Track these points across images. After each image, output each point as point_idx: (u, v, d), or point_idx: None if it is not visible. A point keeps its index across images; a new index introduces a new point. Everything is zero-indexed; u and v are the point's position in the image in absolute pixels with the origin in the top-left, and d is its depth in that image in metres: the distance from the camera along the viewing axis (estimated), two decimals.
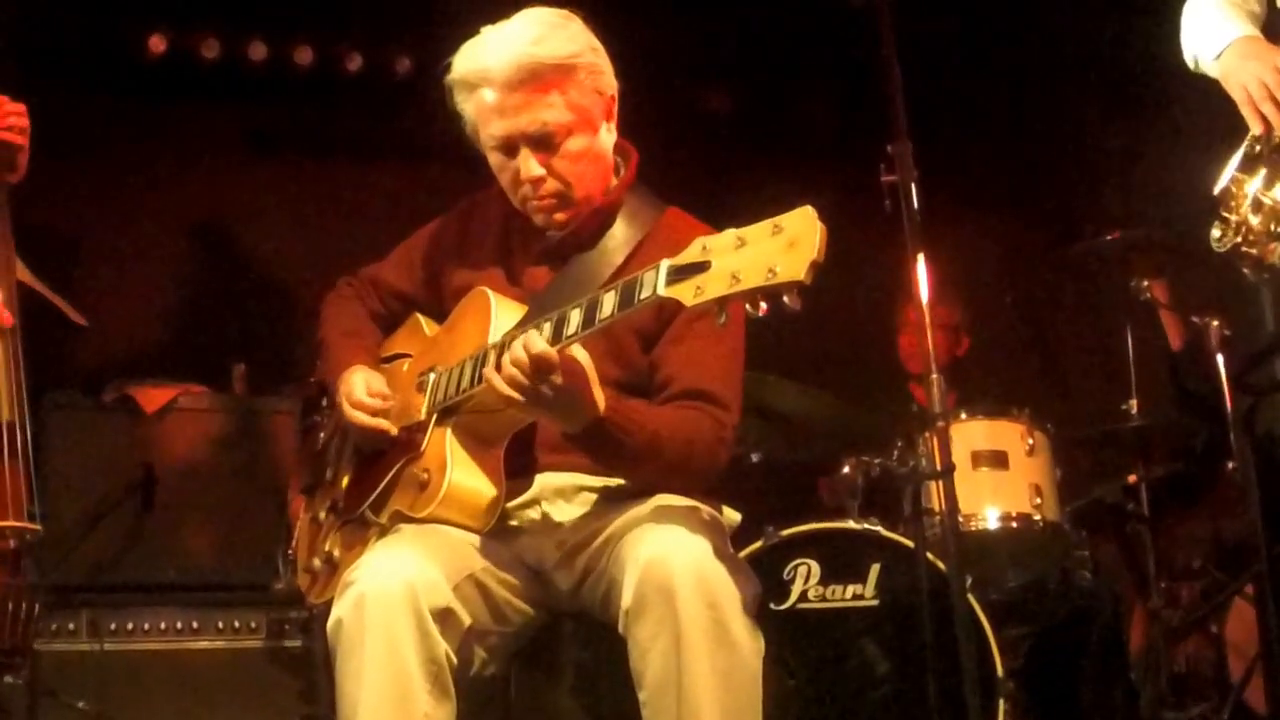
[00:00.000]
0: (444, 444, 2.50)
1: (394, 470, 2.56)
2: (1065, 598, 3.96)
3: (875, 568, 3.45)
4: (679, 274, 2.17)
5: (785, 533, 3.47)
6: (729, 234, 2.15)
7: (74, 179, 4.83)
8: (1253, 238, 2.92)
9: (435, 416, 2.55)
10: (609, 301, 2.28)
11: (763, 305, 2.09)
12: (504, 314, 2.54)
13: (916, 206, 2.80)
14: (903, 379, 4.86)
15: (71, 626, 4.02)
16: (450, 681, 2.34)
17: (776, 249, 2.07)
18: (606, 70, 2.60)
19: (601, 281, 2.51)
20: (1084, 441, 4.26)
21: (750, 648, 2.30)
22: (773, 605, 3.36)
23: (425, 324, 2.79)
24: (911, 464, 3.67)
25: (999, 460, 3.94)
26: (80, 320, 3.72)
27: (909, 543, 3.43)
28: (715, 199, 2.84)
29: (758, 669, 2.32)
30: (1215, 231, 2.96)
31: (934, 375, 2.75)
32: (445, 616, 2.36)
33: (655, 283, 2.20)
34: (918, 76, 2.87)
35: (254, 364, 4.70)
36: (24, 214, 3.22)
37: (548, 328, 2.34)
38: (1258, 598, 3.46)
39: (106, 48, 5.14)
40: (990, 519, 3.89)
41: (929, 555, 3.30)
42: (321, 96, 5.39)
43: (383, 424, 2.59)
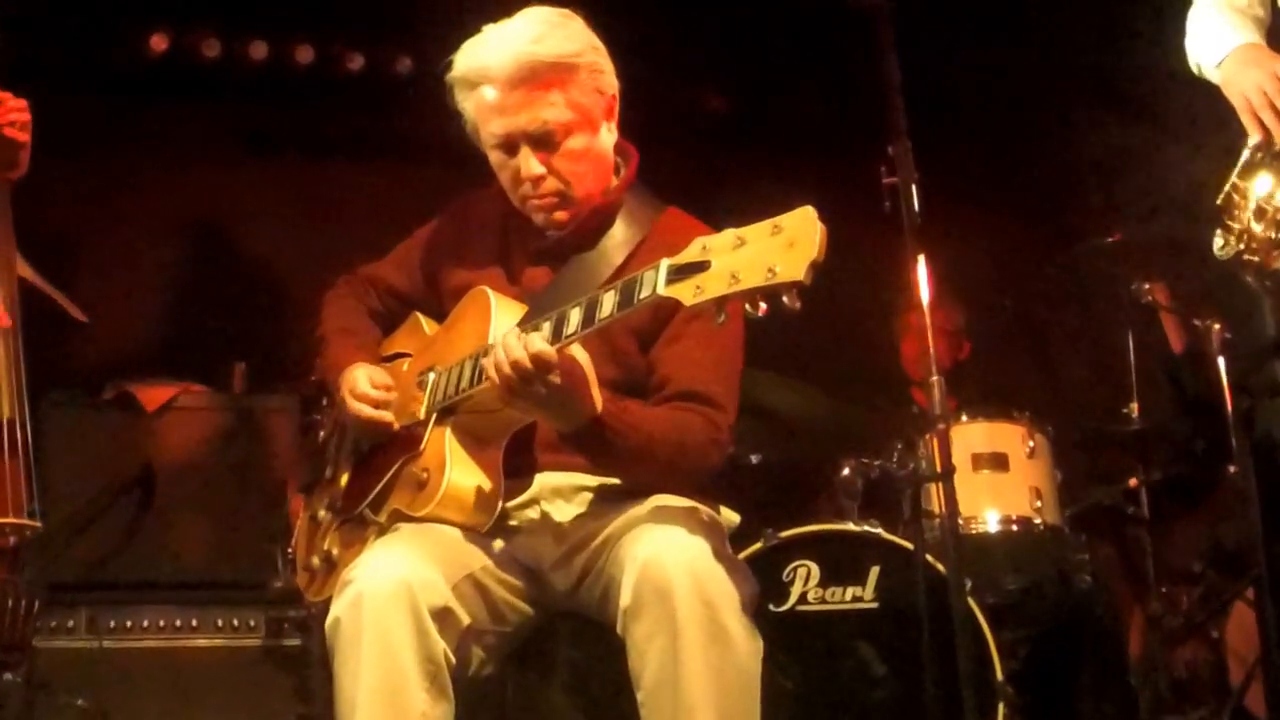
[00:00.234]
0: (443, 443, 2.50)
1: (393, 469, 2.56)
2: (1064, 601, 3.94)
3: (875, 570, 3.44)
4: (679, 273, 2.17)
5: (785, 534, 3.46)
6: (728, 234, 2.15)
7: (74, 177, 4.82)
8: (1255, 245, 2.92)
9: (434, 416, 2.55)
10: (609, 301, 2.28)
11: (762, 305, 2.09)
12: (504, 313, 2.54)
13: (917, 208, 2.79)
14: (904, 382, 4.84)
15: (70, 624, 4.03)
16: (448, 681, 2.34)
17: (776, 249, 2.07)
18: (607, 70, 2.60)
19: (601, 281, 2.51)
20: (1084, 444, 4.26)
21: (747, 648, 2.30)
22: (772, 607, 3.36)
23: (425, 323, 2.79)
24: (911, 466, 3.66)
25: (999, 463, 3.94)
26: (81, 317, 3.73)
27: (909, 545, 3.43)
28: (714, 199, 2.83)
29: (755, 669, 2.31)
30: (1218, 239, 2.96)
31: (935, 377, 2.74)
32: (443, 616, 2.35)
33: (655, 282, 2.20)
34: (916, 77, 2.87)
35: (253, 363, 4.69)
36: (24, 212, 3.22)
37: (547, 327, 2.34)
38: (1257, 602, 3.46)
39: (107, 47, 5.15)
40: (990, 521, 3.90)
41: (928, 557, 3.30)
42: (321, 96, 5.39)
43: (385, 416, 2.59)
